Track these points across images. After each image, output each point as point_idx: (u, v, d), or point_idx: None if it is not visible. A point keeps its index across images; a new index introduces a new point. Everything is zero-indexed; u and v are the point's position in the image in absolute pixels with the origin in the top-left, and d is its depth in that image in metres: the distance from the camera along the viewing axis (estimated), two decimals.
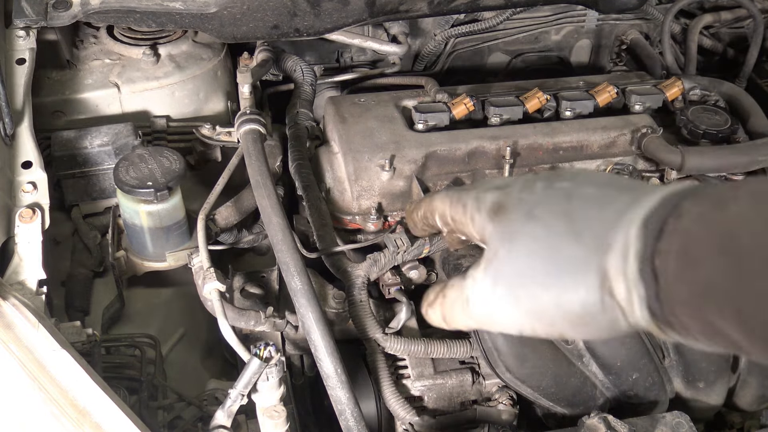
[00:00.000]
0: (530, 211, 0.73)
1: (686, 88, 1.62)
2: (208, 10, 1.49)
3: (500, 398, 1.27)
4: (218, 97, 1.71)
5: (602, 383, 1.24)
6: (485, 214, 0.77)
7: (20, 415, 0.94)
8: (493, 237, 0.75)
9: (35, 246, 1.18)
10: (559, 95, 1.57)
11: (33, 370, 0.96)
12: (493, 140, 1.46)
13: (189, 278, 1.30)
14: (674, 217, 0.63)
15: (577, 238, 0.69)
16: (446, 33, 1.92)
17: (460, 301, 0.78)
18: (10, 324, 1.01)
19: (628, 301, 0.65)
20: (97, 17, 1.51)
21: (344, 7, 1.52)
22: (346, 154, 1.44)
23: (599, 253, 0.67)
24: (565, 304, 0.69)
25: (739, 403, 1.34)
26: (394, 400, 1.21)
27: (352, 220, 1.41)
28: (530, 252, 0.71)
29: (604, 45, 2.06)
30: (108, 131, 1.48)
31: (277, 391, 1.05)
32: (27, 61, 1.47)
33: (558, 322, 0.71)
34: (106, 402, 0.95)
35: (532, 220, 0.73)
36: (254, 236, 1.50)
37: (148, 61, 1.64)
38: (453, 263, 1.36)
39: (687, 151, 1.45)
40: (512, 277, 0.72)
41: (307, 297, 1.14)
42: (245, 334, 1.29)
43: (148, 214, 1.36)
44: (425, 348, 1.26)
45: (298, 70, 1.72)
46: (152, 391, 1.21)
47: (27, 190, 1.26)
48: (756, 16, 1.91)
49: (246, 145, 1.33)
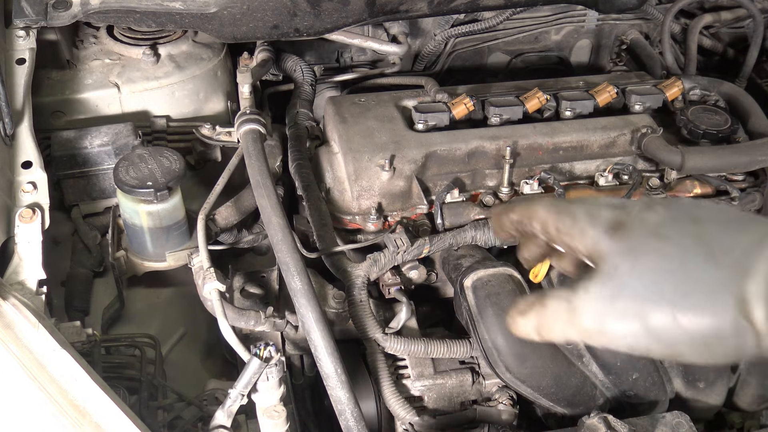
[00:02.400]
0: (657, 231, 0.74)
1: (686, 88, 1.62)
2: (208, 10, 1.49)
3: (500, 398, 1.27)
4: (218, 97, 1.71)
5: (602, 383, 1.24)
6: (601, 229, 0.77)
7: (20, 415, 0.94)
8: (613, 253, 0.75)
9: (35, 246, 1.18)
10: (559, 95, 1.57)
11: (33, 370, 0.96)
12: (493, 140, 1.46)
13: (189, 278, 1.30)
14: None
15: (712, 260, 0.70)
16: (446, 33, 1.92)
17: (566, 311, 0.77)
18: (10, 324, 1.01)
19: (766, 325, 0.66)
20: (97, 17, 1.51)
21: (344, 7, 1.52)
22: (346, 154, 1.44)
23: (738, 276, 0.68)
24: (693, 324, 0.69)
25: (739, 403, 1.34)
26: (394, 400, 1.21)
27: (352, 220, 1.41)
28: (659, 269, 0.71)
29: (604, 45, 2.06)
30: (108, 131, 1.48)
31: (277, 391, 1.05)
32: (27, 61, 1.47)
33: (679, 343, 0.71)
34: (106, 402, 0.95)
35: (660, 239, 0.73)
36: (254, 236, 1.50)
37: (148, 61, 1.64)
38: (453, 263, 1.36)
39: (687, 151, 1.45)
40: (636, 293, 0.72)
41: (307, 297, 1.14)
42: (245, 334, 1.29)
43: (148, 214, 1.36)
44: (425, 348, 1.26)
45: (298, 70, 1.72)
46: (152, 391, 1.20)
47: (27, 190, 1.26)
48: (756, 16, 1.91)
49: (246, 145, 1.33)
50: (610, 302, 0.73)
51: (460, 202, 1.42)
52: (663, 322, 0.70)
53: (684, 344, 0.70)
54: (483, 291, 1.26)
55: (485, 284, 1.27)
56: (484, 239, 1.37)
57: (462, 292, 1.28)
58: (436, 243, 1.35)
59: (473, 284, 1.27)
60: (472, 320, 1.24)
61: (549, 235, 0.83)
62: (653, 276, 0.71)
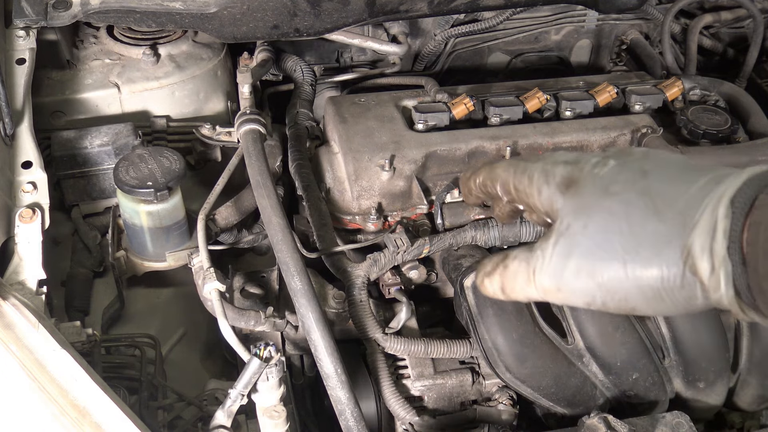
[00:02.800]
0: (606, 187, 0.74)
1: (686, 88, 1.62)
2: (208, 10, 1.49)
3: (500, 398, 1.27)
4: (218, 97, 1.71)
5: (602, 383, 1.24)
6: (555, 187, 0.78)
7: (20, 415, 0.94)
8: (566, 210, 0.76)
9: (35, 246, 1.18)
10: (559, 95, 1.57)
11: (33, 370, 0.96)
12: (493, 140, 1.46)
13: (189, 278, 1.30)
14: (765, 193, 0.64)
15: (658, 215, 0.70)
16: (446, 33, 1.92)
17: (525, 272, 0.79)
18: (10, 324, 1.01)
19: (711, 278, 0.66)
20: (97, 17, 1.51)
21: (344, 7, 1.52)
22: (346, 154, 1.44)
23: (683, 230, 0.68)
24: (642, 278, 0.70)
25: (739, 403, 1.34)
26: (394, 400, 1.21)
27: (352, 220, 1.41)
28: (608, 227, 0.73)
29: (604, 45, 2.06)
30: (108, 131, 1.48)
31: (277, 391, 1.05)
32: (27, 61, 1.47)
33: (632, 297, 0.72)
34: (106, 402, 0.95)
35: (609, 196, 0.74)
36: (254, 236, 1.50)
37: (148, 61, 1.64)
38: (453, 263, 1.36)
39: (687, 151, 1.45)
40: (588, 251, 0.73)
41: (307, 297, 1.14)
42: (245, 334, 1.29)
43: (148, 214, 1.36)
44: (425, 348, 1.26)
45: (298, 70, 1.72)
46: (152, 391, 1.21)
47: (27, 190, 1.26)
48: (756, 16, 1.91)
49: (246, 145, 1.33)
50: (564, 261, 0.75)
51: (460, 202, 1.42)
52: (615, 278, 0.72)
53: (637, 298, 0.72)
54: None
55: None
56: (484, 239, 1.37)
57: (462, 292, 1.28)
58: (436, 243, 1.35)
59: (473, 284, 1.27)
60: (472, 320, 1.24)
61: (510, 196, 0.85)
62: (603, 234, 0.72)
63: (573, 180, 0.77)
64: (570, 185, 0.77)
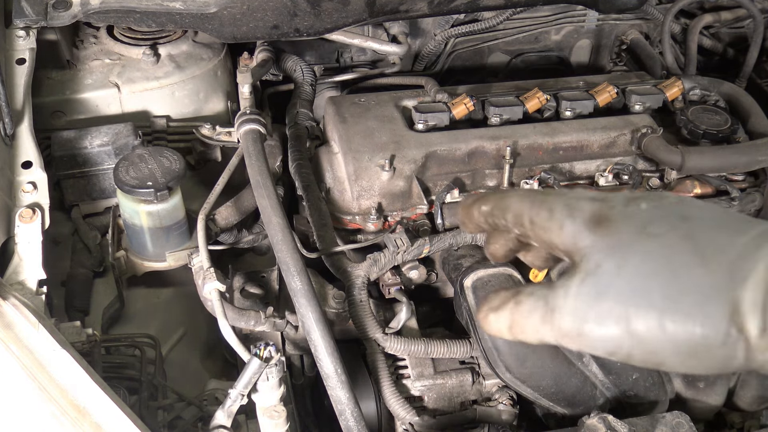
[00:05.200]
0: (644, 228, 0.67)
1: (686, 88, 1.62)
2: (208, 10, 1.49)
3: (500, 398, 1.28)
4: (218, 97, 1.71)
5: (602, 383, 1.24)
6: (582, 223, 0.71)
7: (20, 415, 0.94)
8: (596, 249, 0.69)
9: (35, 246, 1.18)
10: (559, 95, 1.57)
11: (33, 370, 0.96)
12: (493, 140, 1.47)
13: (189, 278, 1.30)
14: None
15: (704, 263, 0.64)
16: (446, 33, 1.92)
17: (542, 310, 0.70)
18: (10, 324, 1.01)
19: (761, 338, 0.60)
20: (97, 17, 1.51)
21: (344, 7, 1.52)
22: (346, 154, 1.44)
23: (731, 282, 0.62)
24: (679, 332, 0.63)
25: (739, 403, 1.34)
26: (394, 400, 1.21)
27: (352, 220, 1.41)
28: (647, 271, 0.65)
29: (604, 45, 2.06)
30: (108, 131, 1.48)
31: (277, 391, 1.05)
32: (27, 61, 1.47)
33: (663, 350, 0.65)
34: (106, 402, 0.95)
35: (648, 237, 0.67)
36: (254, 236, 1.50)
37: (148, 61, 1.64)
38: (453, 263, 1.36)
39: (687, 151, 1.45)
40: (622, 295, 0.66)
41: (307, 297, 1.14)
42: (245, 334, 1.29)
43: (148, 214, 1.36)
44: (425, 348, 1.26)
45: (298, 70, 1.72)
46: (152, 391, 1.21)
47: (27, 190, 1.26)
48: (756, 16, 1.91)
49: (246, 145, 1.33)
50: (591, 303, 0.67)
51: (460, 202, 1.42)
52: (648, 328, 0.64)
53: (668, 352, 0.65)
54: (483, 291, 1.26)
55: (485, 284, 1.27)
56: (484, 239, 1.37)
57: (462, 292, 1.28)
58: (436, 243, 1.35)
59: (473, 284, 1.27)
60: (472, 320, 1.24)
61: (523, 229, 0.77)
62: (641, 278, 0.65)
63: (604, 217, 0.70)
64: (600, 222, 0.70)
